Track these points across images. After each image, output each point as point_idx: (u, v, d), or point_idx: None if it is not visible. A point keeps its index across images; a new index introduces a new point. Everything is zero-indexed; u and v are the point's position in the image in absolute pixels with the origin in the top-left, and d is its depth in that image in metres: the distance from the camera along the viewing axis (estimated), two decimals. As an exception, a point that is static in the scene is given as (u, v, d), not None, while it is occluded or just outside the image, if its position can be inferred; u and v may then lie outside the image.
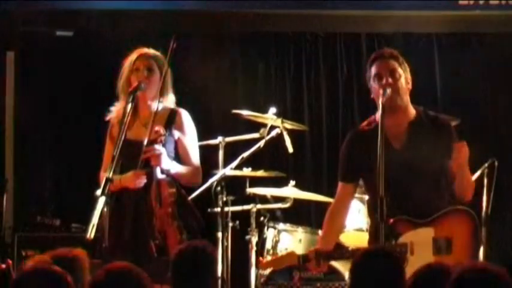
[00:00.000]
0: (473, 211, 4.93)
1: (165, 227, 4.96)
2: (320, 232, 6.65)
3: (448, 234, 4.74)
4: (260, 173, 6.70)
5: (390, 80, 4.85)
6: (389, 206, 4.53)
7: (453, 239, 4.73)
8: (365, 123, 5.07)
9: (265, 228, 6.66)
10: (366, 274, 3.50)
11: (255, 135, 6.55)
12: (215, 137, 6.60)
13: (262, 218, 6.69)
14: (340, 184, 5.08)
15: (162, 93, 5.05)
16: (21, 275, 3.33)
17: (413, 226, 4.71)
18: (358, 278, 3.53)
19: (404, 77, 4.91)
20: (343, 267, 6.03)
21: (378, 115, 4.86)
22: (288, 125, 6.62)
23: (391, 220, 4.66)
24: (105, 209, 4.59)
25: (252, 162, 6.49)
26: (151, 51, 5.19)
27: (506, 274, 3.24)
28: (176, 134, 5.14)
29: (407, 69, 4.98)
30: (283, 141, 6.52)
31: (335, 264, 6.04)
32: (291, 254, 5.01)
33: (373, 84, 4.89)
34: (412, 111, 4.94)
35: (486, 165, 6.66)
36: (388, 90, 4.82)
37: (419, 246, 4.67)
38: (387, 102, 4.76)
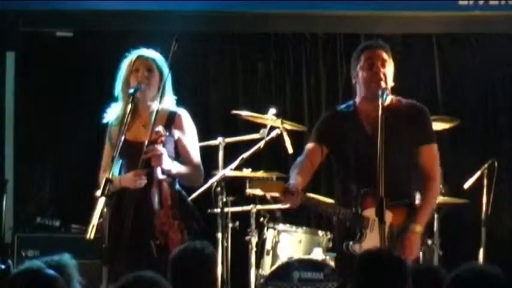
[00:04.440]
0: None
1: (165, 227, 4.96)
2: (320, 232, 6.69)
3: (400, 224, 4.87)
4: (260, 173, 6.70)
5: (382, 69, 4.96)
6: (358, 185, 4.84)
7: (403, 231, 4.86)
8: (343, 106, 5.17)
9: (265, 229, 6.67)
10: (370, 274, 3.50)
11: (255, 135, 6.56)
12: (215, 138, 6.60)
13: (262, 219, 6.70)
14: (310, 144, 5.11)
15: (161, 93, 5.05)
16: (13, 277, 3.34)
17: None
18: (361, 279, 3.53)
19: (391, 69, 5.02)
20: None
21: (357, 100, 5.05)
22: (288, 125, 6.62)
23: (362, 191, 4.84)
24: (105, 210, 4.59)
25: (251, 162, 6.50)
26: (151, 51, 5.19)
27: (502, 274, 3.26)
28: (176, 134, 5.13)
29: (392, 64, 5.07)
30: (283, 141, 6.53)
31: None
32: (278, 185, 4.95)
33: (361, 72, 4.98)
34: (388, 99, 4.98)
35: (486, 165, 6.68)
36: (387, 92, 4.88)
37: (378, 226, 4.68)
38: (374, 88, 4.87)
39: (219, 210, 6.28)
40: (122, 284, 3.32)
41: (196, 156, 5.18)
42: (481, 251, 6.67)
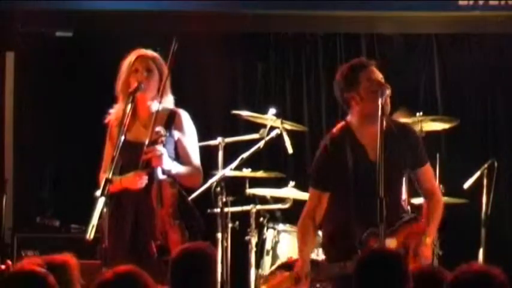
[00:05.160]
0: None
1: (166, 228, 4.96)
2: (320, 232, 6.68)
3: (405, 241, 4.84)
4: (260, 173, 6.72)
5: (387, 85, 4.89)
6: (359, 216, 4.76)
7: (409, 246, 4.83)
8: (336, 129, 5.03)
9: (265, 228, 6.67)
10: (371, 273, 3.50)
11: (255, 135, 6.56)
12: (215, 138, 6.61)
13: (261, 219, 6.71)
14: (314, 192, 4.98)
15: (161, 94, 5.05)
16: (5, 277, 3.34)
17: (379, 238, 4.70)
18: (362, 278, 3.53)
19: None
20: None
21: (355, 121, 4.93)
22: (288, 125, 6.63)
23: (364, 235, 4.73)
24: (105, 210, 4.59)
25: (251, 162, 6.50)
26: (150, 52, 5.19)
27: (503, 275, 3.26)
28: (176, 134, 5.13)
29: None
30: (283, 141, 6.53)
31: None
32: (287, 278, 4.93)
33: (367, 93, 4.83)
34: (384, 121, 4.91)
35: (486, 165, 6.68)
36: (388, 91, 4.84)
37: None
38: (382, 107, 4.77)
39: (218, 210, 6.28)
40: (100, 282, 3.30)
41: (196, 157, 5.17)
42: (481, 251, 6.66)
